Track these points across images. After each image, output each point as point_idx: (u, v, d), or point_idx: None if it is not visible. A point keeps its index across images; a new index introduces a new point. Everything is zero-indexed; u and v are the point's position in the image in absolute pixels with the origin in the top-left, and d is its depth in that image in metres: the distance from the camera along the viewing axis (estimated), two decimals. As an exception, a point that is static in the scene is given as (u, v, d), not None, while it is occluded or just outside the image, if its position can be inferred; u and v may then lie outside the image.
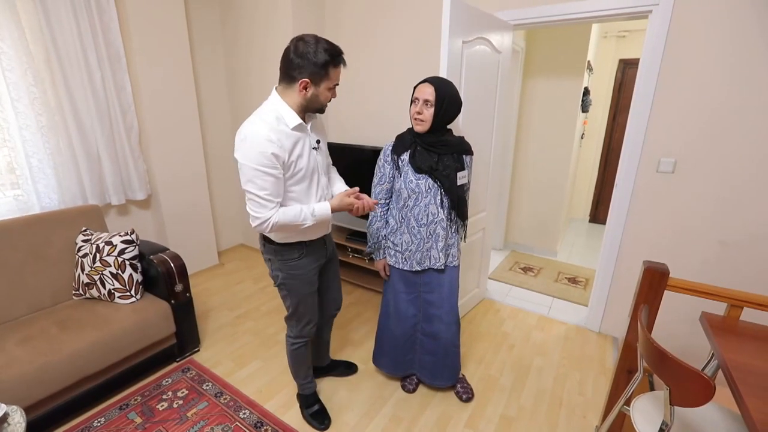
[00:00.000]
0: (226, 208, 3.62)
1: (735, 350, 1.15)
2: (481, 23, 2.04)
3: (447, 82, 1.56)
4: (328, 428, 1.71)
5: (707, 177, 1.93)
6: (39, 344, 1.63)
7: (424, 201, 1.62)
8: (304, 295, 1.53)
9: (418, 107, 1.54)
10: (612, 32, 4.18)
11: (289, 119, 1.28)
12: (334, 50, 1.26)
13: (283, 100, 1.29)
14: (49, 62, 2.17)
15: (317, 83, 1.27)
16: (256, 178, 1.24)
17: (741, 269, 1.93)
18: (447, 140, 1.60)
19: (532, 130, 3.56)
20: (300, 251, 1.47)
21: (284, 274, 1.48)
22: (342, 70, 1.33)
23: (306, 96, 1.28)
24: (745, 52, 1.75)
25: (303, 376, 1.75)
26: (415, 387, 1.95)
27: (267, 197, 1.26)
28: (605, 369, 2.13)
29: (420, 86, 1.55)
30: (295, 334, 1.63)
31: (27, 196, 2.21)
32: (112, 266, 1.91)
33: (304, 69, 1.24)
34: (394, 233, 1.71)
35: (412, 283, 1.76)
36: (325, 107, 1.37)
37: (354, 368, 2.08)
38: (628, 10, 1.97)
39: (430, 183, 1.60)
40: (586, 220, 4.84)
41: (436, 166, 1.58)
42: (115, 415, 1.75)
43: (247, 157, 1.22)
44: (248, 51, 3.11)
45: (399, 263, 1.73)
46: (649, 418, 1.19)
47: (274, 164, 1.24)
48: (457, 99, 1.56)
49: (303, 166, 1.34)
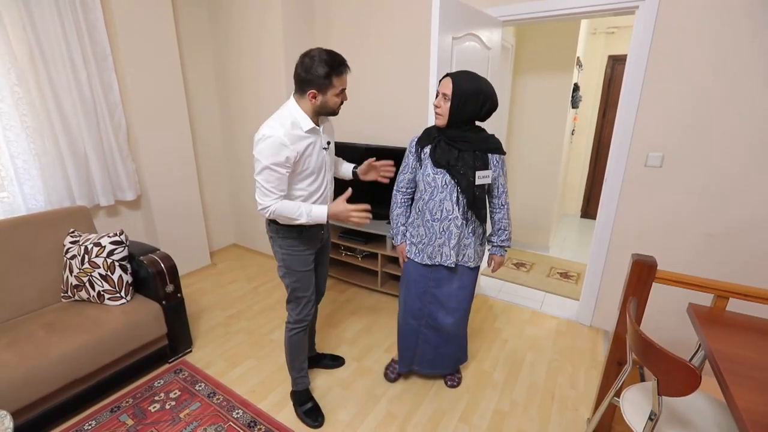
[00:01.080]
0: (218, 207, 3.60)
1: (721, 340, 1.17)
2: (470, 19, 2.05)
3: (470, 76, 1.50)
4: (321, 425, 1.72)
5: (694, 171, 1.96)
6: (26, 348, 1.60)
7: (440, 196, 1.59)
8: (300, 272, 1.64)
9: (437, 100, 1.55)
10: (601, 29, 4.21)
11: (303, 124, 1.43)
12: (334, 61, 1.39)
13: (299, 107, 1.45)
14: (34, 62, 2.13)
15: (324, 92, 1.41)
16: (267, 173, 1.40)
17: (727, 261, 1.96)
18: (469, 136, 1.54)
19: (522, 127, 3.58)
20: (299, 232, 1.59)
21: (284, 251, 1.61)
22: (348, 75, 1.46)
23: (316, 104, 1.43)
24: (730, 47, 1.77)
25: (298, 368, 1.77)
26: (396, 376, 1.99)
27: (272, 189, 1.42)
28: (596, 362, 2.16)
29: (443, 80, 1.54)
30: (294, 319, 1.70)
31: (12, 198, 2.17)
32: (101, 267, 1.89)
33: (311, 82, 1.39)
34: (412, 224, 1.74)
35: (423, 277, 1.75)
36: (338, 110, 1.50)
37: (340, 361, 2.11)
38: (615, 6, 1.99)
39: (447, 179, 1.56)
40: (578, 215, 4.88)
41: (455, 163, 1.54)
42: (107, 418, 1.73)
43: (262, 154, 1.38)
44: (237, 49, 3.09)
45: (413, 254, 1.74)
46: (639, 409, 1.21)
47: (284, 165, 1.40)
48: (480, 95, 1.48)
49: (311, 165, 1.49)
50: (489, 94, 1.50)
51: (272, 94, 2.95)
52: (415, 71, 2.64)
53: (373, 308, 2.68)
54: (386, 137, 2.84)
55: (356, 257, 2.91)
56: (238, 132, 3.34)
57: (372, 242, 2.83)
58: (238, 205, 3.63)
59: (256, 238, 3.61)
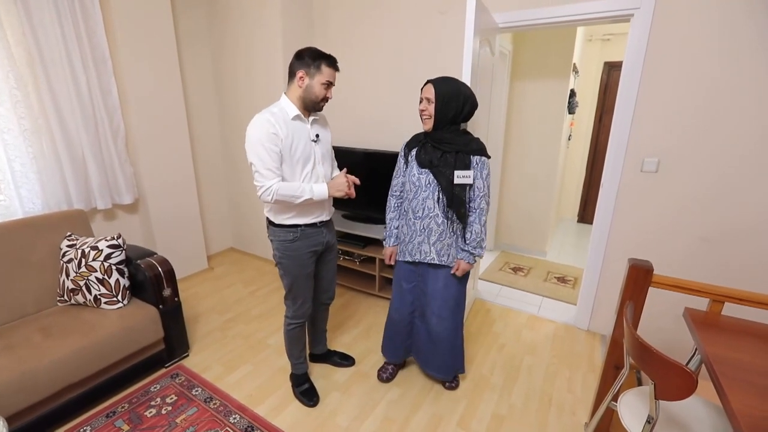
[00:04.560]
0: (216, 211, 3.59)
1: (717, 344, 1.18)
2: (489, 23, 2.06)
3: (449, 80, 1.60)
4: (316, 405, 1.85)
5: (689, 176, 1.98)
6: (21, 352, 1.59)
7: (423, 195, 1.66)
8: (297, 275, 1.69)
9: (422, 105, 1.63)
10: (597, 36, 4.26)
11: (289, 111, 1.54)
12: (325, 53, 1.53)
13: (287, 97, 1.56)
14: (32, 65, 2.13)
15: (311, 76, 1.51)
16: (260, 151, 1.47)
17: (722, 265, 1.98)
18: (453, 138, 1.61)
19: (520, 132, 3.60)
20: (294, 234, 1.63)
21: (280, 254, 1.66)
22: (335, 75, 1.57)
23: (302, 87, 1.52)
24: (723, 53, 1.80)
25: (297, 356, 1.88)
26: (389, 376, 2.01)
27: (268, 168, 1.48)
28: (594, 366, 2.16)
29: (424, 86, 1.64)
30: (291, 315, 1.78)
31: (9, 201, 2.16)
32: (98, 271, 1.88)
33: (301, 64, 1.51)
34: (399, 223, 1.82)
35: (412, 273, 1.82)
36: (321, 104, 1.58)
37: (350, 360, 2.15)
38: (611, 14, 2.02)
39: (430, 178, 1.64)
40: (575, 220, 4.90)
41: (438, 163, 1.61)
42: (102, 423, 1.71)
43: (252, 136, 1.47)
44: (236, 53, 3.10)
45: (398, 252, 1.83)
46: (636, 413, 1.21)
47: (274, 141, 1.47)
48: (460, 96, 1.56)
49: (298, 151, 1.55)
50: (468, 95, 1.60)
51: (269, 99, 2.94)
52: (413, 77, 2.66)
53: (370, 312, 2.68)
54: (385, 142, 2.85)
55: (354, 261, 2.91)
56: (235, 136, 3.35)
57: (370, 246, 2.84)
58: (236, 208, 3.63)
59: (253, 242, 3.60)
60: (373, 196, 2.54)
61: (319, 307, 1.96)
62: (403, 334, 1.93)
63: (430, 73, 1.91)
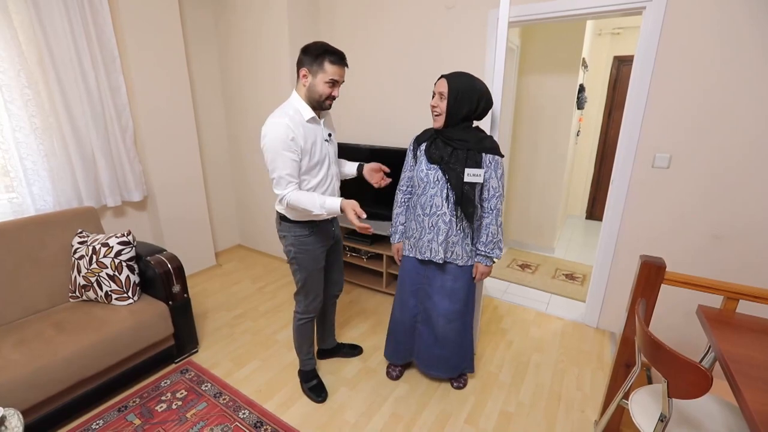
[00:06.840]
0: (224, 208, 3.61)
1: (732, 342, 1.16)
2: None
3: (464, 75, 1.55)
4: (325, 401, 1.85)
5: (702, 172, 1.95)
6: (35, 347, 1.62)
7: (431, 192, 1.63)
8: (311, 270, 1.70)
9: (433, 100, 1.59)
10: (606, 30, 4.19)
11: (304, 113, 1.50)
12: (329, 48, 1.46)
13: (298, 96, 1.52)
14: (42, 63, 2.15)
15: (314, 74, 1.47)
16: (278, 159, 1.44)
17: (736, 262, 1.94)
18: (465, 136, 1.57)
19: (528, 128, 3.57)
20: (310, 229, 1.64)
21: (296, 249, 1.65)
22: (343, 71, 1.50)
23: (306, 85, 1.48)
24: (737, 47, 1.76)
25: (305, 351, 1.89)
26: (398, 374, 2.01)
27: (286, 176, 1.46)
28: (603, 364, 2.14)
29: (438, 81, 1.59)
30: (302, 310, 1.78)
31: (21, 198, 2.19)
32: (108, 268, 1.90)
33: (305, 61, 1.47)
34: (407, 220, 1.79)
35: (417, 273, 1.79)
36: (326, 103, 1.53)
37: (359, 349, 2.19)
38: (622, 7, 1.98)
39: (439, 175, 1.60)
40: (583, 216, 4.85)
41: (448, 159, 1.57)
42: (114, 417, 1.74)
43: (272, 143, 1.43)
44: (242, 51, 3.10)
45: (406, 249, 1.80)
46: (648, 411, 1.20)
47: (292, 148, 1.45)
48: (474, 92, 1.52)
49: (316, 154, 1.54)
50: (483, 92, 1.55)
51: (276, 97, 2.96)
52: (420, 73, 2.65)
53: (377, 309, 2.68)
54: (391, 139, 2.84)
55: (361, 258, 2.91)
56: (243, 133, 3.36)
57: (377, 243, 2.83)
58: (243, 205, 3.65)
59: (260, 239, 3.62)
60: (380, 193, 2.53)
61: (329, 300, 1.99)
62: (405, 336, 1.91)
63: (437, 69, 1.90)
